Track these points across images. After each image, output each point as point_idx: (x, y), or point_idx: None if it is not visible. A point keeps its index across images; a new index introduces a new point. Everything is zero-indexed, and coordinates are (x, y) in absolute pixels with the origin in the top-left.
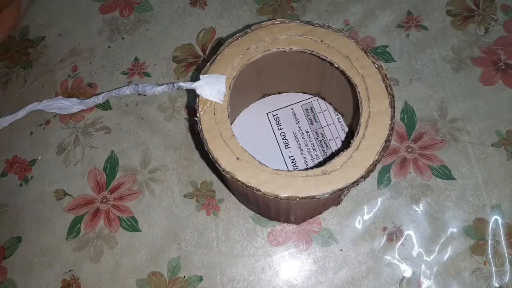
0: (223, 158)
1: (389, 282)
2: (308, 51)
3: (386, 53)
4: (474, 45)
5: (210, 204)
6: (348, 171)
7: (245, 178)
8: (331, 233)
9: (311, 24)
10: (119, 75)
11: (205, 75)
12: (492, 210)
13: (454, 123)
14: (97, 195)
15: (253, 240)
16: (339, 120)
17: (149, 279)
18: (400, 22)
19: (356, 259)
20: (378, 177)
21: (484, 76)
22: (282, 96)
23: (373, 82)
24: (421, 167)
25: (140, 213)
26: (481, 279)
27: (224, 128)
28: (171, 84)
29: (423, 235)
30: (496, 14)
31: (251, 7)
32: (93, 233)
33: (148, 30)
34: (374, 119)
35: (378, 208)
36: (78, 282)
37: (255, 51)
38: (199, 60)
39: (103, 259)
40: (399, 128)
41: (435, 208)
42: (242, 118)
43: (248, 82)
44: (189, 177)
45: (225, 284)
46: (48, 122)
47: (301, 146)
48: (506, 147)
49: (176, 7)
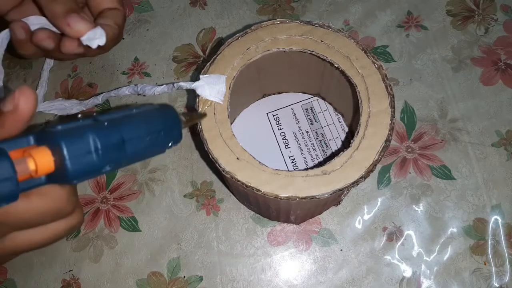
0: (223, 158)
1: (389, 282)
2: (308, 51)
3: (386, 53)
4: (474, 45)
5: (210, 204)
6: (348, 171)
7: (245, 178)
8: (331, 233)
9: (311, 24)
10: (119, 75)
11: (205, 75)
12: (492, 210)
13: (454, 123)
14: (97, 195)
15: (253, 240)
16: (339, 120)
17: (149, 279)
18: (400, 22)
19: (356, 259)
20: (378, 177)
21: (484, 76)
22: (282, 96)
23: (373, 82)
24: (421, 167)
25: (140, 213)
26: (481, 279)
27: (224, 128)
28: (171, 84)
29: (423, 235)
30: (496, 14)
31: (251, 7)
32: (93, 233)
33: (148, 30)
34: (374, 119)
35: (378, 208)
36: (78, 282)
37: (255, 51)
38: (199, 60)
39: (103, 259)
40: (399, 128)
41: (435, 208)
42: (242, 118)
43: (248, 82)
44: (189, 177)
45: (225, 284)
46: (48, 123)
47: (301, 146)
48: (506, 147)
49: (176, 7)
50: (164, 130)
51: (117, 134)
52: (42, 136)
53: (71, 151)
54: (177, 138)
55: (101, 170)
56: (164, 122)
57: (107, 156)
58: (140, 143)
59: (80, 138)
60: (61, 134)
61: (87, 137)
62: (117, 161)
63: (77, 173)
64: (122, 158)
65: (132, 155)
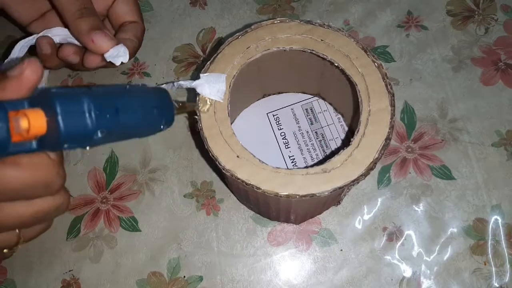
0: (223, 156)
1: (389, 282)
2: (308, 50)
3: (386, 53)
4: (474, 45)
5: (210, 204)
6: (348, 169)
7: (245, 176)
8: (331, 233)
9: (311, 23)
10: (119, 75)
11: (205, 74)
12: (492, 210)
13: (454, 123)
14: (97, 195)
15: (253, 240)
16: (339, 120)
17: (149, 279)
18: (400, 22)
19: (356, 259)
20: (378, 177)
21: (484, 76)
22: (282, 96)
23: (373, 80)
24: (421, 167)
25: (140, 213)
26: (481, 279)
27: (224, 126)
28: (171, 83)
29: (423, 235)
30: (496, 14)
31: (251, 7)
32: (93, 233)
33: (148, 30)
34: (374, 118)
35: (378, 208)
36: (78, 282)
37: (255, 50)
38: (199, 60)
39: (103, 259)
40: (399, 128)
41: (435, 208)
42: (242, 118)
43: (248, 81)
44: (189, 177)
45: (225, 284)
46: None
47: (301, 146)
48: (506, 147)
49: (176, 7)
50: (157, 108)
51: (111, 102)
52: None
53: (65, 110)
54: (169, 119)
55: (93, 136)
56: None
57: (100, 121)
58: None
59: (74, 99)
60: (55, 94)
61: (81, 98)
62: (109, 128)
63: (69, 134)
64: (115, 127)
65: (125, 126)
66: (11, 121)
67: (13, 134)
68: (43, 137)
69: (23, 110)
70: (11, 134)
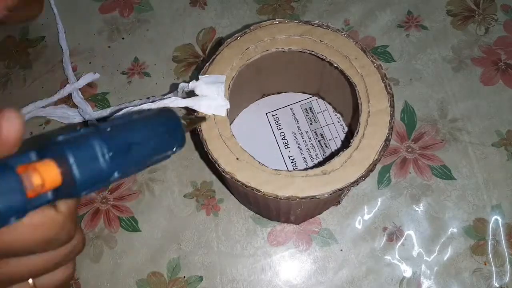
0: (222, 158)
1: (389, 282)
2: (307, 51)
3: (386, 53)
4: (474, 45)
5: (210, 204)
6: (348, 170)
7: (245, 178)
8: (331, 233)
9: (310, 23)
10: (119, 75)
11: (204, 75)
12: (492, 210)
13: (454, 123)
14: (97, 195)
15: (253, 240)
16: (339, 120)
17: (149, 279)
18: (400, 22)
19: (356, 259)
20: (378, 177)
21: (484, 76)
22: (282, 96)
23: (372, 81)
24: (421, 167)
25: (140, 213)
26: (481, 279)
27: (224, 128)
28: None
29: (423, 235)
30: (496, 14)
31: (251, 7)
32: (93, 233)
33: (148, 30)
34: (374, 119)
35: (378, 208)
36: (78, 282)
37: (254, 51)
38: (199, 60)
39: (103, 259)
40: (399, 128)
41: (435, 208)
42: (241, 118)
43: (247, 82)
44: (189, 177)
45: (225, 284)
46: (48, 122)
47: (301, 146)
48: (506, 147)
49: (176, 7)
50: (167, 133)
51: (122, 139)
52: (44, 149)
53: (78, 159)
54: (181, 141)
55: (109, 178)
56: (166, 124)
57: (114, 162)
58: (145, 146)
59: (85, 145)
60: (65, 143)
61: (92, 143)
62: (124, 167)
63: (86, 182)
64: (130, 164)
65: (139, 160)
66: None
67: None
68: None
69: (32, 164)
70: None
